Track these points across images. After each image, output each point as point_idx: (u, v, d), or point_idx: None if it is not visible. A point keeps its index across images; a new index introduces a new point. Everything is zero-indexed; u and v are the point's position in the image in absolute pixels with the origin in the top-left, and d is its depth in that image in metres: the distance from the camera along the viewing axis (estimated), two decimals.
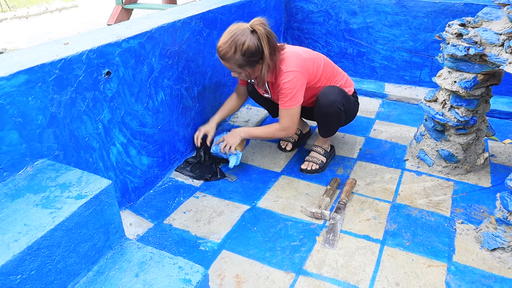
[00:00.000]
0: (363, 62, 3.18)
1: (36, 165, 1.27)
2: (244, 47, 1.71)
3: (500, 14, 1.66)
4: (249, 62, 1.76)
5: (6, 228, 1.00)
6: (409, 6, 2.84)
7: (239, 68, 1.80)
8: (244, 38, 1.71)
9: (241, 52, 1.72)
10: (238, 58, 1.74)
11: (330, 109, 1.92)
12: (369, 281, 1.48)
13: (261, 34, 1.71)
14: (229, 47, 1.72)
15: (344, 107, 1.94)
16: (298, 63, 1.84)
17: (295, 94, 1.84)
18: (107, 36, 1.59)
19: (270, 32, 1.75)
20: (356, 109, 2.13)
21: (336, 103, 1.90)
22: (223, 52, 1.74)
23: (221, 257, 1.59)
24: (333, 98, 1.90)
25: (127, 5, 4.98)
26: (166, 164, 2.07)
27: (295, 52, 1.87)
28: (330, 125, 2.04)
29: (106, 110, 1.58)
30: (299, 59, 1.85)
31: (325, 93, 1.92)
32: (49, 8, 9.95)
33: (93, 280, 1.15)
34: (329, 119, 1.99)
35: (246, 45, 1.71)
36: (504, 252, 1.55)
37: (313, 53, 1.98)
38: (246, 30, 1.72)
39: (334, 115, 1.95)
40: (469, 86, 1.83)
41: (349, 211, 1.84)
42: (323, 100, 1.91)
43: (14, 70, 1.18)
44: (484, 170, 2.13)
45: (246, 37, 1.71)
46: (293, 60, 1.83)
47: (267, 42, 1.73)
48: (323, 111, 1.94)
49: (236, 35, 1.71)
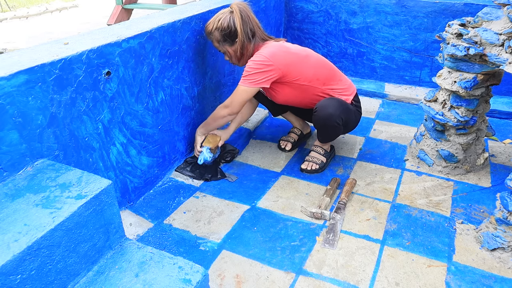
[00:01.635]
0: (363, 62, 3.18)
1: (36, 165, 1.27)
2: (219, 23, 1.89)
3: (500, 14, 1.66)
4: (225, 39, 1.92)
5: (6, 228, 1.00)
6: (409, 6, 2.84)
7: (218, 45, 1.96)
8: (222, 16, 1.90)
9: (217, 28, 1.90)
10: (215, 34, 1.92)
11: (327, 122, 1.92)
12: (369, 281, 1.48)
13: (236, 12, 1.87)
14: (209, 23, 1.93)
15: (342, 121, 1.94)
16: (274, 53, 1.87)
17: (253, 75, 1.86)
18: (107, 36, 1.59)
19: (246, 13, 1.90)
20: (357, 119, 2.10)
21: (334, 117, 1.90)
22: (206, 29, 1.96)
23: (221, 257, 1.59)
24: (331, 111, 1.89)
25: (127, 5, 4.98)
26: (166, 164, 2.07)
27: (279, 44, 1.93)
28: (329, 135, 2.05)
29: (106, 110, 1.58)
30: (279, 50, 1.89)
31: (324, 106, 1.91)
32: (49, 8, 9.94)
33: (93, 280, 1.15)
34: (327, 130, 2.00)
35: (221, 21, 1.89)
36: (504, 252, 1.55)
37: (306, 52, 1.98)
38: (226, 11, 1.91)
39: (332, 127, 1.96)
40: (469, 86, 1.83)
41: (349, 211, 1.84)
42: (321, 113, 1.91)
43: (14, 70, 1.18)
44: (484, 170, 2.13)
45: (224, 15, 1.90)
46: (270, 48, 1.89)
47: (240, 20, 1.87)
48: (321, 122, 1.96)
49: (218, 15, 1.92)
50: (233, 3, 1.92)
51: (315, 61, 1.97)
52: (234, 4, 1.91)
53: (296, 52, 1.94)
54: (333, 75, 2.02)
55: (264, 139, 2.47)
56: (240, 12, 1.88)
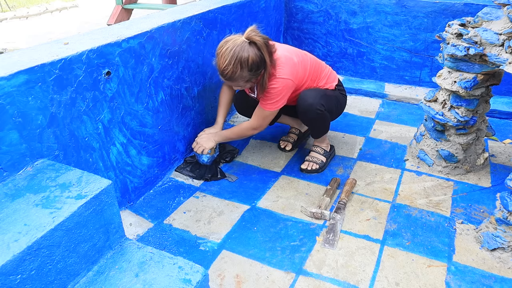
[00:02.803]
0: (363, 62, 3.18)
1: (36, 165, 1.27)
2: (249, 62, 1.68)
3: (500, 14, 1.66)
4: (255, 75, 1.76)
5: (6, 228, 1.00)
6: (409, 6, 2.84)
7: (246, 83, 1.80)
8: (247, 53, 1.67)
9: (248, 68, 1.70)
10: (245, 75, 1.73)
11: (310, 113, 1.92)
12: (369, 281, 1.48)
13: (261, 45, 1.69)
14: (234, 66, 1.68)
15: (324, 107, 1.93)
16: (292, 71, 1.84)
17: (279, 100, 1.86)
18: (107, 36, 1.59)
19: (266, 39, 1.74)
20: (342, 102, 2.11)
21: (314, 105, 1.89)
22: (230, 74, 1.70)
23: (221, 257, 1.59)
24: (310, 101, 1.89)
25: (127, 5, 4.98)
26: (166, 164, 2.07)
27: (288, 57, 1.86)
28: (317, 126, 2.04)
29: (106, 110, 1.58)
30: (292, 65, 1.85)
31: (303, 97, 1.91)
32: (49, 8, 9.95)
33: (93, 280, 1.15)
34: (313, 122, 1.99)
35: (251, 59, 1.67)
36: (504, 252, 1.55)
37: (301, 54, 1.96)
38: (244, 44, 1.68)
39: (316, 117, 1.95)
40: (469, 86, 1.83)
41: (349, 211, 1.84)
42: (302, 105, 1.91)
43: (14, 70, 1.18)
44: (484, 170, 2.13)
45: (248, 51, 1.67)
46: (287, 67, 1.83)
47: (267, 50, 1.72)
48: (305, 116, 1.95)
49: (237, 52, 1.66)
50: (251, 34, 1.69)
51: (310, 64, 1.98)
52: (253, 36, 1.69)
53: (300, 61, 1.92)
54: (321, 70, 2.04)
55: (264, 139, 2.47)
56: (265, 43, 1.71)
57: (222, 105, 2.17)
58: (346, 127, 2.55)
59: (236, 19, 2.44)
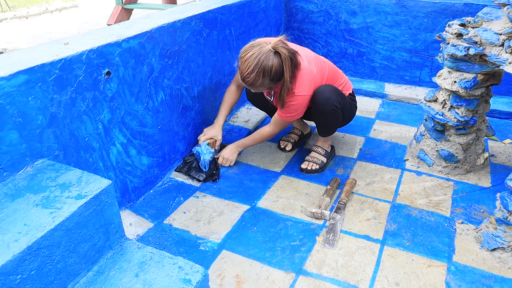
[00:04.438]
0: (363, 62, 3.18)
1: (36, 165, 1.27)
2: (272, 72, 1.70)
3: (500, 14, 1.66)
4: (275, 83, 1.79)
5: (6, 228, 1.00)
6: (409, 6, 2.84)
7: (265, 89, 1.86)
8: (271, 62, 1.68)
9: (270, 77, 1.72)
10: (266, 84, 1.76)
11: (326, 107, 1.92)
12: (369, 281, 1.48)
13: (285, 58, 1.70)
14: (257, 75, 1.70)
15: (340, 105, 1.95)
16: (310, 85, 1.88)
17: (297, 114, 1.93)
18: (107, 36, 1.59)
19: (293, 53, 1.75)
20: (353, 110, 2.14)
21: (331, 100, 1.91)
22: (251, 81, 1.73)
23: (221, 257, 1.59)
24: (328, 95, 1.91)
25: (127, 5, 4.98)
26: (166, 164, 2.06)
27: (308, 70, 1.85)
28: (328, 123, 2.04)
29: (106, 110, 1.58)
30: (311, 79, 1.87)
31: (320, 92, 1.92)
32: (49, 8, 9.95)
33: (93, 280, 1.15)
34: (326, 118, 1.99)
35: (274, 69, 1.70)
36: (504, 252, 1.55)
37: (320, 62, 1.98)
38: (269, 53, 1.69)
39: (330, 113, 1.95)
40: (469, 86, 1.83)
41: (349, 211, 1.84)
42: (319, 98, 1.92)
43: (14, 70, 1.18)
44: (484, 170, 2.13)
45: (272, 61, 1.69)
46: (306, 83, 1.85)
47: (289, 65, 1.73)
48: (319, 109, 1.95)
49: (262, 61, 1.68)
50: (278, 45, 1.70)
51: (327, 72, 1.99)
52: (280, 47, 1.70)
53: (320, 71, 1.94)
54: (338, 78, 2.07)
55: None
56: (290, 56, 1.72)
57: (226, 104, 2.18)
58: (346, 127, 2.55)
59: (236, 19, 2.44)
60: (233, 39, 2.46)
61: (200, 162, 2.07)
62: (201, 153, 2.06)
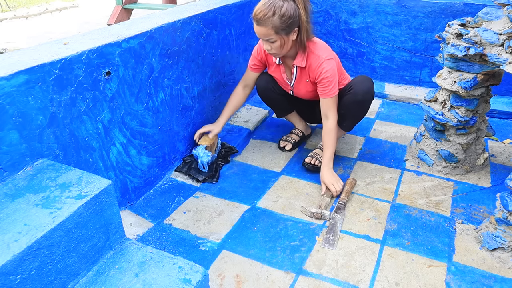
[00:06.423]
0: (363, 62, 3.18)
1: (36, 165, 1.27)
2: (282, 9, 1.70)
3: (500, 14, 1.66)
4: (286, 27, 1.74)
5: (6, 228, 1.00)
6: (409, 6, 2.84)
7: (275, 34, 1.75)
8: (283, 2, 1.71)
9: (280, 15, 1.70)
10: (275, 21, 1.71)
11: (367, 95, 1.98)
12: (369, 281, 1.48)
13: (299, 3, 1.73)
14: (268, 9, 1.70)
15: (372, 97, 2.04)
16: (331, 51, 1.90)
17: (336, 81, 1.90)
18: (107, 36, 1.59)
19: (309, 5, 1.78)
20: None
21: (371, 89, 1.99)
22: (261, 15, 1.71)
23: (221, 257, 1.59)
24: (369, 85, 1.97)
25: (127, 5, 4.99)
26: (166, 164, 2.07)
27: (322, 42, 1.92)
28: (360, 113, 2.08)
29: (106, 110, 1.58)
30: (328, 47, 1.91)
31: (360, 81, 1.98)
32: (49, 8, 9.95)
33: (93, 280, 1.15)
34: (361, 107, 2.03)
35: (285, 8, 1.70)
36: (504, 252, 1.55)
37: None
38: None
39: (368, 102, 2.02)
40: (469, 86, 1.83)
41: (349, 211, 1.84)
42: (359, 87, 1.96)
43: (14, 70, 1.18)
44: (484, 170, 2.13)
45: (284, 2, 1.71)
46: (326, 49, 1.89)
47: (304, 7, 1.75)
48: (359, 98, 1.97)
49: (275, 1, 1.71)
50: None
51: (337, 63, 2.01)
52: None
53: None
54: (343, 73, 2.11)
55: (264, 139, 2.47)
56: (304, 3, 1.75)
57: (230, 105, 2.18)
58: None
59: (236, 19, 2.44)
60: (233, 39, 2.46)
61: (198, 164, 2.08)
62: (199, 156, 2.06)
